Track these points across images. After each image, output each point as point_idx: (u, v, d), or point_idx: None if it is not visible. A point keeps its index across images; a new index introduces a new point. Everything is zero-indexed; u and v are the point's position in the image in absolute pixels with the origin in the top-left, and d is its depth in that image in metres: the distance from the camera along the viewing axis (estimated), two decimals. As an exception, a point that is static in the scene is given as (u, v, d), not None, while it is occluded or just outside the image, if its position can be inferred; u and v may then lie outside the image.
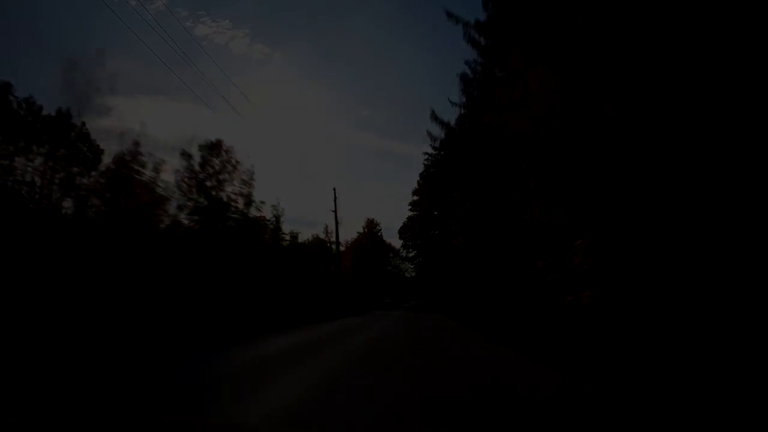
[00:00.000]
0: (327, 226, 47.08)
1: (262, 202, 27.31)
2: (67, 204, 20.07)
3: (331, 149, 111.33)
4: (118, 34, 76.48)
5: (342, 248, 57.13)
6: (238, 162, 27.01)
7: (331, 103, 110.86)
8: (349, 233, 73.63)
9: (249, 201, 25.89)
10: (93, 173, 21.05)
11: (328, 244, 45.39)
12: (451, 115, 41.78)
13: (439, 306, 44.66)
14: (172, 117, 64.84)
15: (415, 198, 42.83)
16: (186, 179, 25.36)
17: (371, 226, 57.66)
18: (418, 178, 41.61)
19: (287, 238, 38.08)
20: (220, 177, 26.50)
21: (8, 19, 41.20)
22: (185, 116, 66.71)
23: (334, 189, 33.97)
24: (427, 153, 40.61)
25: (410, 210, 43.90)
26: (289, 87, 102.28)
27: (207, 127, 40.55)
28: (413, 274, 79.65)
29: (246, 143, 79.39)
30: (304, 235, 47.42)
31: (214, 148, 26.83)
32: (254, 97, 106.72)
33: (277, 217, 38.44)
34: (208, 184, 25.85)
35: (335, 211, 34.22)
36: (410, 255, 45.59)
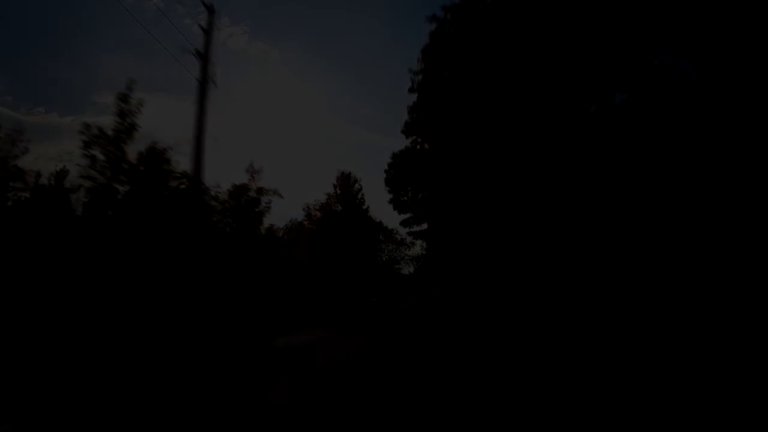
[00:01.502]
0: (251, 164, 26.96)
1: None
2: None
3: (331, 147, 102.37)
4: (114, 30, 72.72)
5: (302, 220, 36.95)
6: None
7: (330, 101, 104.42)
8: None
9: None
10: None
11: (252, 194, 25.21)
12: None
13: (468, 308, 24.40)
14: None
15: (415, 105, 22.63)
16: None
17: (346, 183, 37.01)
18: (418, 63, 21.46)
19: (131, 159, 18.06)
20: None
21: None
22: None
23: (209, 7, 13.47)
24: (434, 17, 20.61)
25: (404, 132, 23.71)
26: (288, 85, 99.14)
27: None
28: (412, 270, 61.32)
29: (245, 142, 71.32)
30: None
31: None
32: (253, 95, 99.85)
33: (123, 115, 19.27)
34: None
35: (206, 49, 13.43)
36: (405, 218, 25.20)
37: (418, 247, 50.58)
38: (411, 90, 22.66)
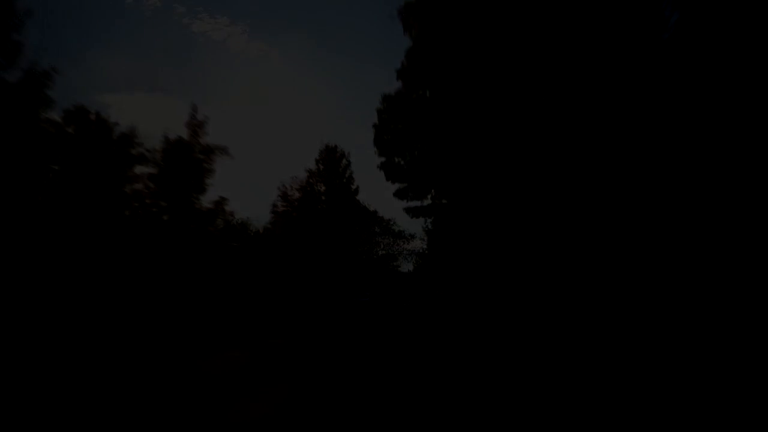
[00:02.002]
0: (193, 114, 20.57)
1: None
2: None
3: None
4: (112, 29, 70.44)
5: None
6: None
7: (330, 100, 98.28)
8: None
9: None
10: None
11: (196, 154, 18.80)
12: None
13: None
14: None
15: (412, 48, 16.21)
16: None
17: (331, 158, 30.41)
18: None
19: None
20: None
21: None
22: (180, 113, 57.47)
23: None
24: None
25: (397, 76, 17.30)
26: (288, 85, 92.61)
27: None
28: (411, 268, 54.97)
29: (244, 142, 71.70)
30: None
31: None
32: (252, 95, 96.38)
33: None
34: None
35: None
36: (401, 187, 18.75)
37: (418, 241, 44.36)
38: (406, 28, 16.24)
